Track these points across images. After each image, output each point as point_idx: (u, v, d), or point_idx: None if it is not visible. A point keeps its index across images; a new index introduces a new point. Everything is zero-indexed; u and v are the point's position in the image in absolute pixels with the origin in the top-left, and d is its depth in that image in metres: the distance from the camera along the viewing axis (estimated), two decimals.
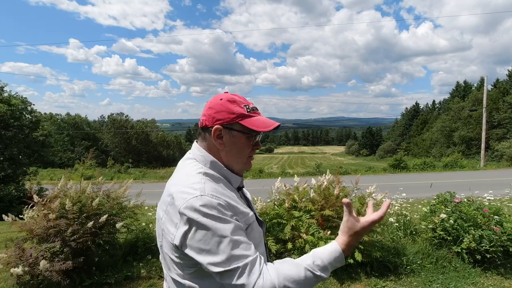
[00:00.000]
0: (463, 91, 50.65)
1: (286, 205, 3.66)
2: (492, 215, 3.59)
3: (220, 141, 1.00)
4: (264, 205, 3.74)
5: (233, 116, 0.98)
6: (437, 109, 62.11)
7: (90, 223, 3.03)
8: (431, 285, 3.29)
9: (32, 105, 12.83)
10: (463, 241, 3.51)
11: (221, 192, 0.94)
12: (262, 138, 1.12)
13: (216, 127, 0.98)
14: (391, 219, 4.25)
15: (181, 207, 0.88)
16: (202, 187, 0.91)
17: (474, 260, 3.50)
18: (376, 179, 12.88)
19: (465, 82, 52.98)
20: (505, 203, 5.57)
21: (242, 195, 1.11)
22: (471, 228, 3.51)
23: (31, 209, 3.33)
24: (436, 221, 3.79)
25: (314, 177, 4.06)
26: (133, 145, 46.94)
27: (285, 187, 3.89)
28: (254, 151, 1.06)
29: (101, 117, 60.20)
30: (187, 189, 0.91)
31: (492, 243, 3.36)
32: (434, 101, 68.89)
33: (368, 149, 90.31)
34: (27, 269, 2.80)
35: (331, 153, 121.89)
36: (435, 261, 3.63)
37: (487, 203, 4.04)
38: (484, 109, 21.22)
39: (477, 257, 3.44)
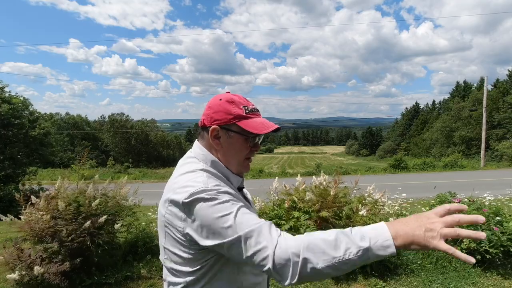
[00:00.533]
0: (463, 91, 50.65)
1: (286, 205, 3.66)
2: (492, 215, 3.59)
3: (217, 141, 1.00)
4: (262, 205, 3.74)
5: (230, 117, 0.98)
6: (437, 109, 62.12)
7: (87, 223, 3.01)
8: (431, 285, 3.29)
9: (32, 105, 12.86)
10: (463, 241, 3.50)
11: (223, 186, 0.94)
12: (262, 138, 1.11)
13: (214, 127, 0.99)
14: (391, 219, 4.25)
15: (183, 199, 0.87)
16: (205, 180, 0.91)
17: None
18: (376, 179, 12.88)
19: (465, 82, 53.01)
20: (505, 203, 5.57)
21: (242, 196, 1.10)
22: (471, 228, 3.51)
23: (29, 209, 3.32)
24: None
25: (315, 176, 4.05)
26: (133, 145, 46.93)
27: (285, 187, 3.88)
28: (252, 152, 1.04)
29: (101, 117, 60.20)
30: (189, 183, 0.91)
31: (492, 244, 3.36)
32: (434, 101, 68.98)
33: (368, 149, 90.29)
34: (24, 272, 2.78)
35: (331, 153, 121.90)
36: (435, 261, 3.63)
37: (487, 203, 4.03)
38: (484, 109, 21.22)
39: (477, 257, 3.43)
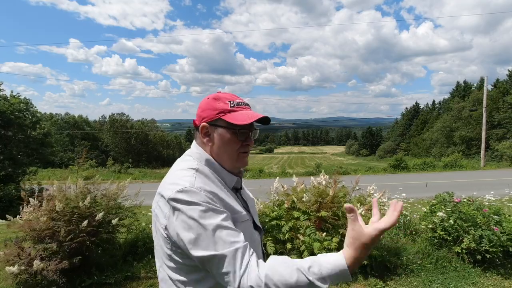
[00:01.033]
0: (463, 91, 50.66)
1: (285, 205, 3.66)
2: (492, 215, 3.59)
3: (208, 138, 1.02)
4: (261, 206, 3.73)
5: (215, 112, 1.00)
6: (437, 109, 62.11)
7: (84, 223, 3.01)
8: (431, 285, 3.29)
9: (34, 107, 12.84)
10: (463, 241, 3.51)
11: (211, 186, 0.95)
12: (262, 138, 1.11)
13: (203, 124, 1.02)
14: None
15: (169, 196, 0.90)
16: (192, 180, 0.93)
17: (474, 260, 3.50)
18: (376, 179, 12.88)
19: (465, 82, 53.01)
20: (505, 203, 5.57)
21: (240, 197, 1.09)
22: (471, 228, 3.51)
23: (28, 209, 3.32)
24: (436, 221, 3.79)
25: (313, 176, 4.05)
26: (133, 145, 46.94)
27: (283, 188, 3.88)
28: (246, 147, 1.03)
29: (101, 117, 60.20)
30: (177, 180, 0.94)
31: (492, 243, 3.36)
32: (434, 101, 68.96)
33: (368, 149, 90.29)
34: (23, 268, 2.79)
35: (331, 153, 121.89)
36: (435, 261, 3.63)
37: (487, 203, 4.04)
38: (484, 109, 21.22)
39: (477, 257, 3.44)
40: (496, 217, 3.57)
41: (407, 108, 72.34)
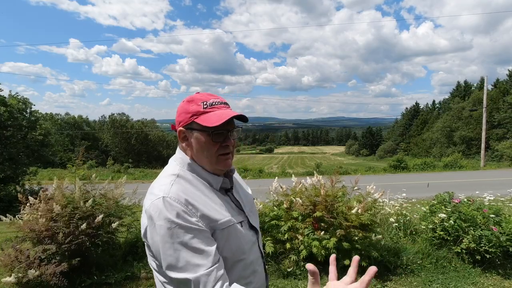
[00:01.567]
0: (463, 91, 50.64)
1: (284, 206, 3.66)
2: (491, 215, 3.58)
3: (186, 143, 1.01)
4: (261, 207, 3.73)
5: (189, 116, 0.98)
6: (437, 109, 62.11)
7: (83, 225, 3.00)
8: (431, 285, 3.29)
9: (33, 105, 12.81)
10: (463, 241, 3.50)
11: (189, 194, 0.93)
12: (262, 138, 1.08)
13: (179, 129, 1.00)
14: (391, 219, 4.24)
15: (146, 207, 0.91)
16: (168, 189, 0.92)
17: (474, 260, 3.50)
18: (376, 179, 12.88)
19: (466, 82, 52.99)
20: (506, 203, 5.57)
21: (232, 197, 1.06)
22: (470, 228, 3.51)
23: (27, 209, 3.32)
24: (436, 221, 3.79)
25: (309, 177, 4.04)
26: (133, 145, 46.93)
27: (281, 188, 3.88)
28: (225, 148, 0.99)
29: (101, 117, 60.18)
30: (154, 190, 0.94)
31: (491, 244, 3.36)
32: (434, 101, 68.96)
33: (368, 149, 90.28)
34: (21, 275, 2.77)
35: (331, 153, 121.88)
36: (435, 261, 3.63)
37: (487, 203, 4.03)
38: (484, 109, 21.21)
39: (477, 257, 3.43)
40: (494, 216, 3.57)
41: (407, 108, 72.41)
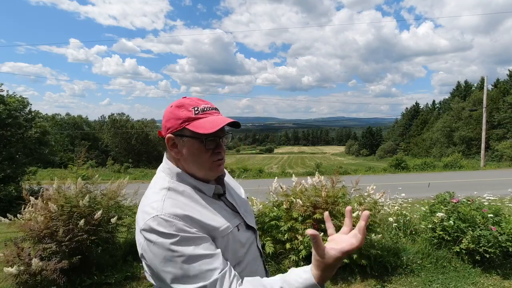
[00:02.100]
0: (463, 91, 50.65)
1: (284, 206, 3.66)
2: (491, 215, 3.58)
3: (176, 150, 0.97)
4: (260, 207, 3.73)
5: (179, 122, 0.94)
6: (437, 109, 62.13)
7: (81, 221, 3.00)
8: (431, 285, 3.29)
9: (30, 105, 12.82)
10: (462, 241, 3.50)
11: (184, 207, 0.91)
12: (262, 138, 1.08)
13: (168, 136, 0.96)
14: (391, 219, 4.24)
15: (141, 228, 0.88)
16: (160, 206, 0.89)
17: (474, 260, 3.50)
18: (376, 179, 12.89)
19: (466, 82, 53.00)
20: (506, 203, 5.57)
21: (226, 201, 1.05)
22: (469, 228, 3.51)
23: (27, 209, 3.33)
24: (435, 221, 3.79)
25: (310, 176, 4.04)
26: (133, 145, 46.93)
27: (281, 189, 3.87)
28: (217, 154, 0.97)
29: (101, 117, 60.19)
30: (147, 208, 0.90)
31: (490, 244, 3.36)
32: (434, 101, 68.99)
33: (368, 149, 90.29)
34: (22, 268, 2.79)
35: (331, 153, 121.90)
36: (435, 261, 3.63)
37: (486, 203, 4.03)
38: (484, 109, 21.21)
39: (477, 257, 3.43)
40: (494, 216, 3.57)
41: (407, 108, 72.42)
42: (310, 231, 0.77)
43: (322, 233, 3.34)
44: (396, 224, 4.22)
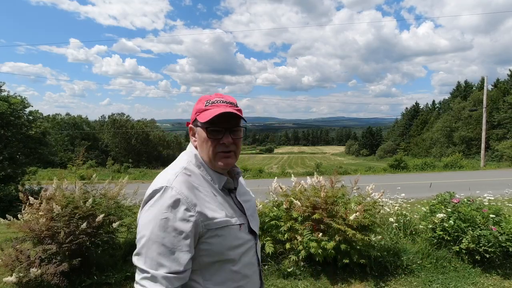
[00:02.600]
0: (464, 91, 50.62)
1: (284, 206, 3.65)
2: (491, 215, 3.58)
3: (193, 138, 1.09)
4: (260, 207, 3.73)
5: (194, 113, 1.06)
6: (437, 109, 62.11)
7: (84, 224, 3.00)
8: (431, 285, 3.29)
9: (31, 106, 12.84)
10: (462, 241, 3.50)
11: (191, 188, 0.97)
12: (262, 138, 1.10)
13: (189, 126, 1.10)
14: (391, 219, 4.24)
15: (148, 191, 0.97)
16: (172, 179, 0.97)
17: (474, 260, 3.50)
18: (376, 179, 12.88)
19: (466, 82, 52.97)
20: (505, 203, 5.56)
21: (234, 198, 1.08)
22: (469, 228, 3.51)
23: (27, 209, 3.32)
24: (435, 221, 3.79)
25: (309, 177, 4.03)
26: (133, 145, 46.92)
27: (281, 189, 3.87)
28: (222, 146, 1.02)
29: (101, 117, 60.16)
30: (159, 179, 1.00)
31: (490, 244, 3.36)
32: (434, 101, 68.98)
33: (368, 149, 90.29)
34: (21, 274, 2.77)
35: (331, 153, 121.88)
36: (435, 261, 3.63)
37: (487, 203, 4.03)
38: (484, 109, 21.20)
39: (477, 257, 3.43)
40: (494, 216, 3.57)
41: (407, 108, 72.43)
42: None
43: (321, 234, 3.33)
44: (396, 224, 4.22)
